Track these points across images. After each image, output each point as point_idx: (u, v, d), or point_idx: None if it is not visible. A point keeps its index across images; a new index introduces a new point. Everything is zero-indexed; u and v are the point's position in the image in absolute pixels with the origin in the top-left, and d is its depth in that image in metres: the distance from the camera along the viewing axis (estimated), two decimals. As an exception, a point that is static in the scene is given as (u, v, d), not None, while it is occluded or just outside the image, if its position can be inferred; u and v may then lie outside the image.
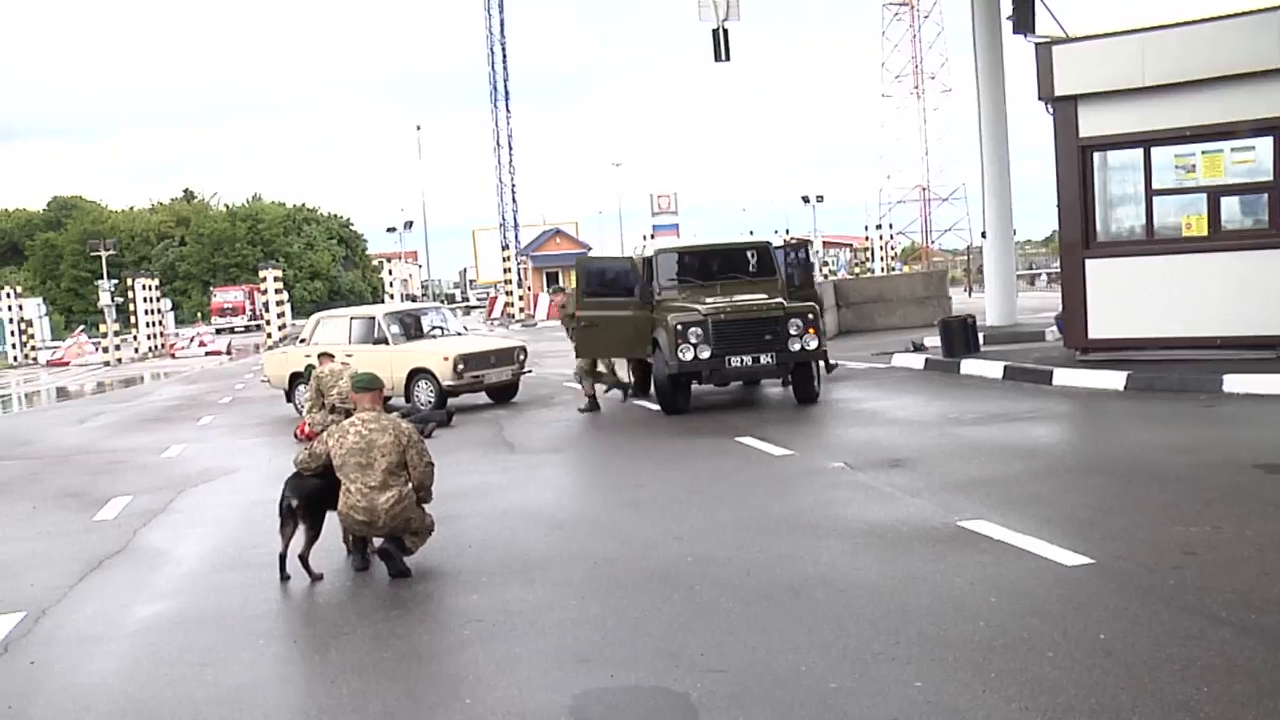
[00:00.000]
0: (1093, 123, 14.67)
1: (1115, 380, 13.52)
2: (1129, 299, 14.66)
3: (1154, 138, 14.30)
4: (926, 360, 17.83)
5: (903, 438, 11.10)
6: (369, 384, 7.50)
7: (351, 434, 7.23)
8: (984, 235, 24.84)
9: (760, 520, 7.96)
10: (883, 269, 56.85)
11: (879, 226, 63.03)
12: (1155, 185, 14.50)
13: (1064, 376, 14.32)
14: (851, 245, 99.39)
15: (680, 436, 12.56)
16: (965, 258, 58.97)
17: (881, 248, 59.24)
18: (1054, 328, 19.80)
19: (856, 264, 62.88)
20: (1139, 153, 14.57)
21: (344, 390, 13.68)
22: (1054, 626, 5.20)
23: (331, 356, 14.68)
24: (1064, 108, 14.83)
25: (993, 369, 15.89)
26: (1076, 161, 14.80)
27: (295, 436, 14.67)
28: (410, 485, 7.28)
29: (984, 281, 26.37)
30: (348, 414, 13.87)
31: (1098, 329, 14.96)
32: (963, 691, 4.55)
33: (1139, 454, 9.38)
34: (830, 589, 6.11)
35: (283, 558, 7.30)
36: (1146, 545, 6.46)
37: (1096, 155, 14.87)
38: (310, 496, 7.35)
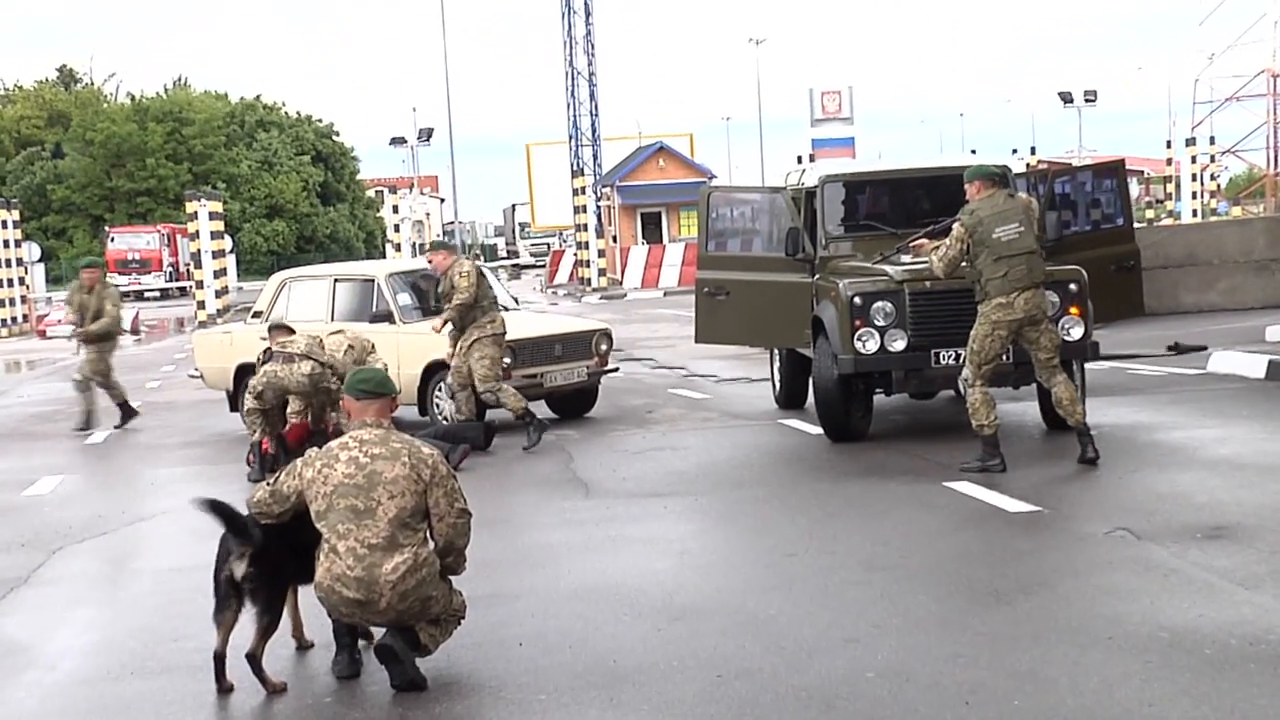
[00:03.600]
0: None
1: None
2: None
3: None
4: (1270, 364, 17.53)
5: (1228, 491, 10.94)
6: (377, 387, 7.53)
7: (343, 462, 7.27)
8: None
9: (985, 616, 7.91)
10: (1195, 212, 55.98)
11: (1190, 141, 62.05)
12: None
13: None
14: (1142, 173, 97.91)
15: (855, 477, 12.57)
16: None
17: (1194, 176, 58.34)
18: None
19: (1149, 203, 62.07)
20: None
21: (294, 382, 14.06)
22: None
23: (289, 330, 14.92)
24: None
25: (1388, 381, 15.55)
26: None
27: (248, 464, 14.90)
28: (432, 545, 7.36)
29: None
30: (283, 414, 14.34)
31: None
32: None
33: None
34: (1107, 734, 6.06)
35: (220, 658, 7.40)
36: None
37: None
38: (266, 561, 7.43)
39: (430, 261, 16.18)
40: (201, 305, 47.71)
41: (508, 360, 16.37)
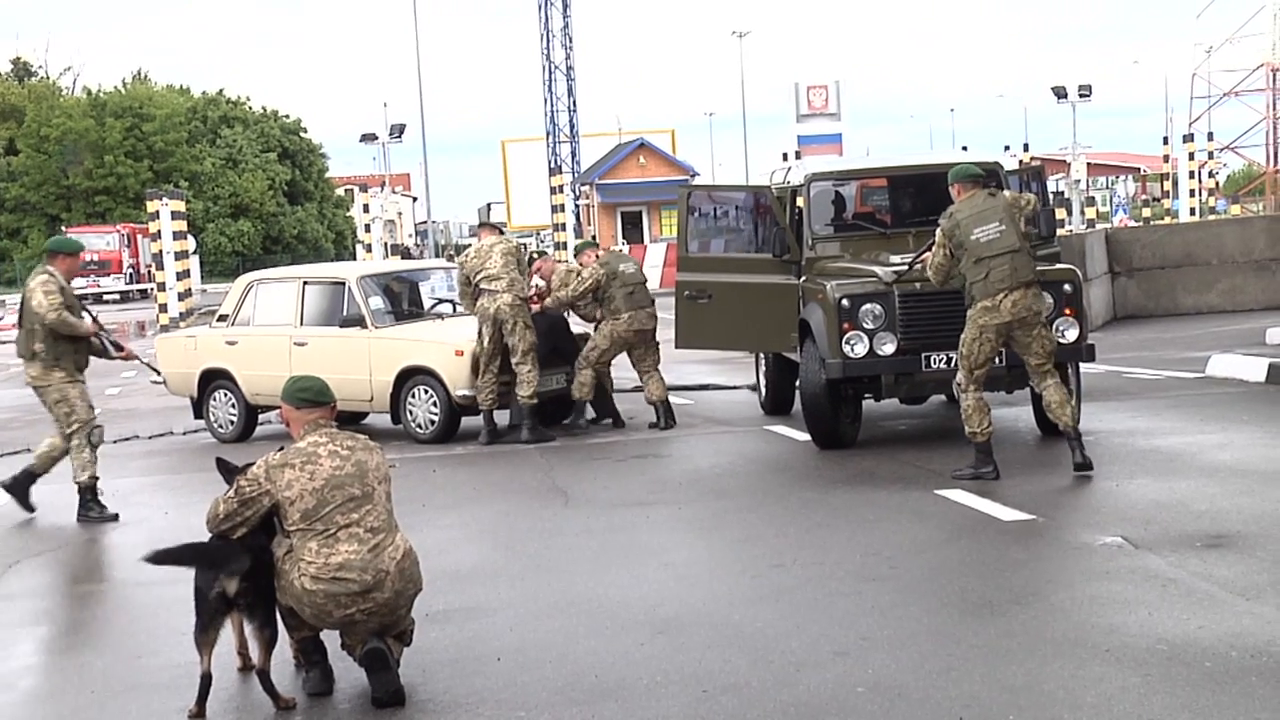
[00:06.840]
0: None
1: None
2: None
3: None
4: (1271, 367, 17.56)
5: (1228, 498, 10.96)
6: (318, 395, 7.72)
7: (326, 456, 7.45)
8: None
9: (979, 628, 7.94)
10: (1194, 210, 56.05)
11: (1188, 138, 62.19)
12: None
13: None
14: (1139, 170, 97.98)
15: (844, 486, 12.59)
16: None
17: (1192, 174, 58.38)
18: None
19: (1146, 201, 62.00)
20: None
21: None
22: None
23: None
24: None
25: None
26: None
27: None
28: None
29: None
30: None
31: None
32: None
33: None
34: (1105, 750, 6.08)
35: (208, 679, 7.35)
36: None
37: None
38: (256, 575, 7.41)
39: (581, 261, 17.40)
40: (163, 309, 47.29)
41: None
